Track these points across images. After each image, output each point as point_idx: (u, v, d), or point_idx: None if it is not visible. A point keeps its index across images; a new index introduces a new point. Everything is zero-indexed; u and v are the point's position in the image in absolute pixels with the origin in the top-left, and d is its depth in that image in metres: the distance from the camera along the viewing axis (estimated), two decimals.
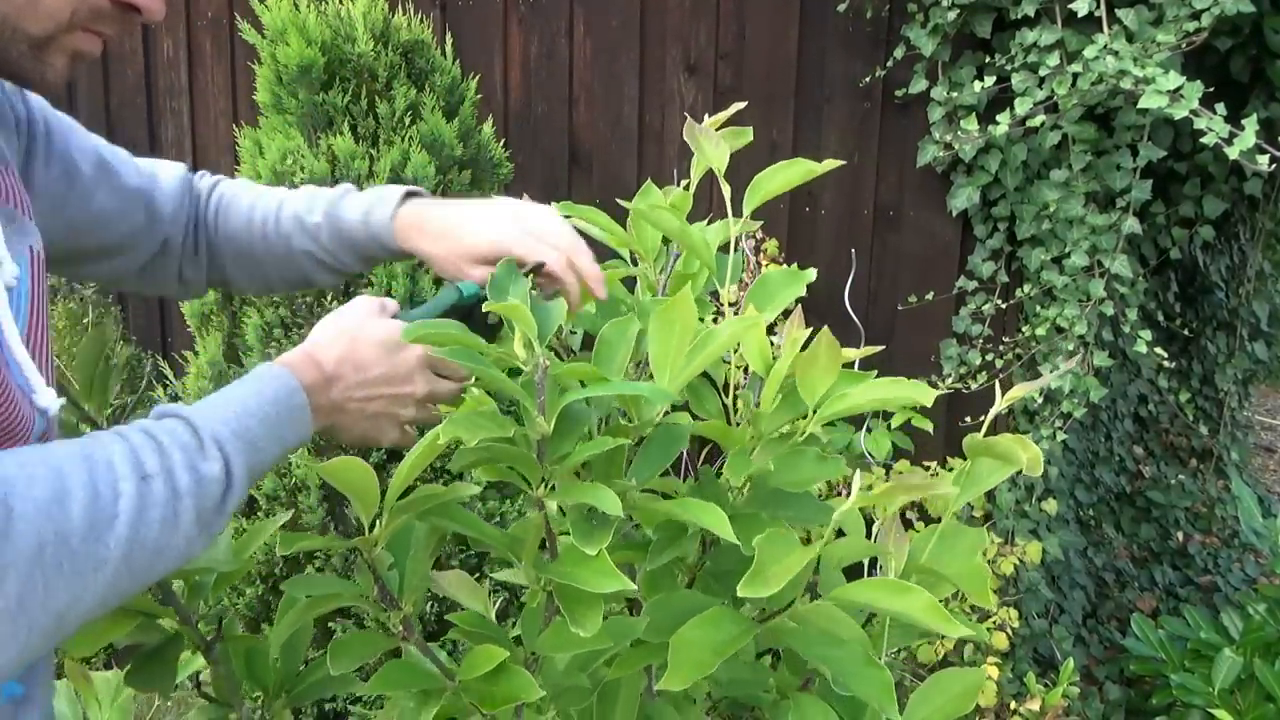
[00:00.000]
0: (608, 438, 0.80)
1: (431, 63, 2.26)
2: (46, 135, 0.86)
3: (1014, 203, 2.37)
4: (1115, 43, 2.03)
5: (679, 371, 0.81)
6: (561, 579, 0.78)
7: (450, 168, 2.20)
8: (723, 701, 1.02)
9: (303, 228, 0.98)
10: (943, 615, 0.71)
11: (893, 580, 0.76)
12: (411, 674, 0.85)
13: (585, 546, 0.76)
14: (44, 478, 0.59)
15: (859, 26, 2.49)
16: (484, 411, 0.77)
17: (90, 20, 0.68)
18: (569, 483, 0.80)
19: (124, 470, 0.62)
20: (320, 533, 2.10)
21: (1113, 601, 3.14)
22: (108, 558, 0.60)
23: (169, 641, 0.98)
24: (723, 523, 0.76)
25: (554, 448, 0.80)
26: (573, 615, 0.77)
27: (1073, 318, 2.28)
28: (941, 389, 2.46)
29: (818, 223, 2.63)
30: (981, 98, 2.28)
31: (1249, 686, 2.17)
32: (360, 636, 0.84)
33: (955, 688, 0.88)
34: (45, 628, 0.58)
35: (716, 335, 0.81)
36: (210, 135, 3.32)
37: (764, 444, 0.86)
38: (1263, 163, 1.89)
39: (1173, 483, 3.49)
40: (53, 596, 0.57)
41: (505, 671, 0.83)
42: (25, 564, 0.56)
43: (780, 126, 2.59)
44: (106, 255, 0.95)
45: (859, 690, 0.77)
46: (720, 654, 0.76)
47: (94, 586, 0.59)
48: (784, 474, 0.86)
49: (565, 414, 0.80)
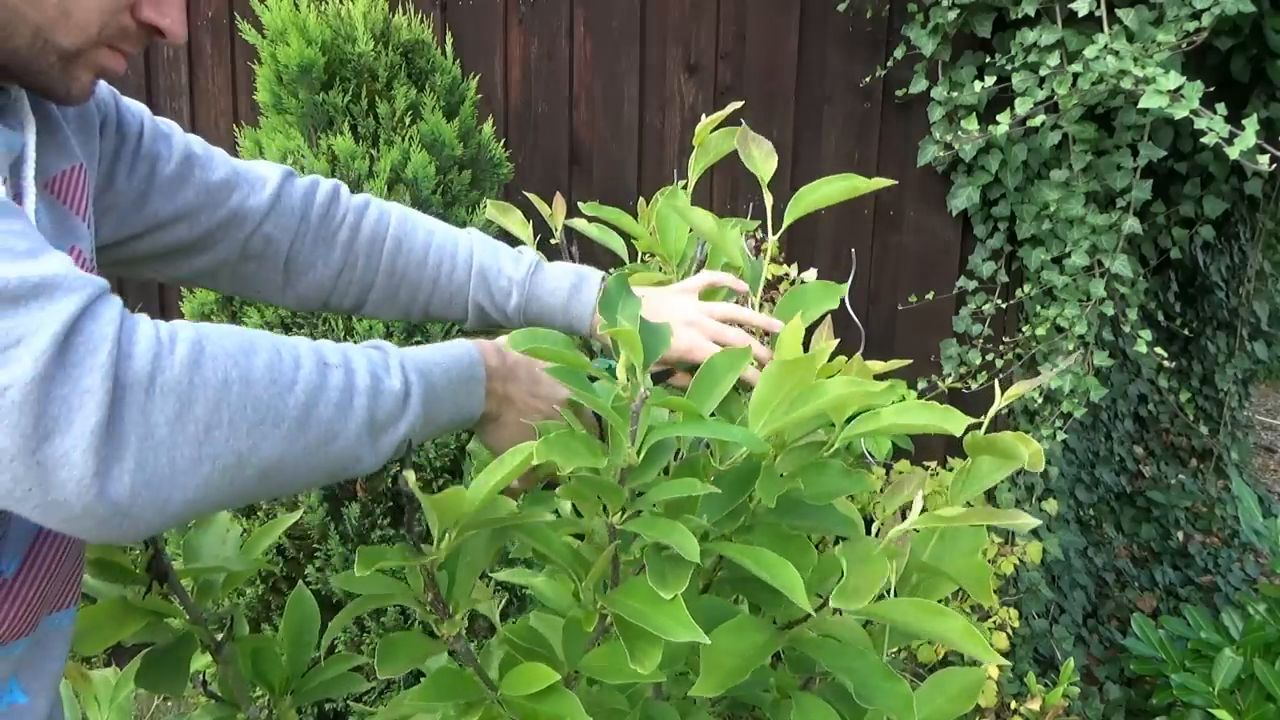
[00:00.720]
0: (694, 480, 0.77)
1: (432, 63, 2.26)
2: (139, 136, 0.89)
3: (1014, 202, 2.37)
4: (1116, 42, 2.03)
5: (776, 419, 0.79)
6: (629, 616, 0.76)
7: (450, 168, 2.20)
8: (723, 701, 1.02)
9: (486, 285, 1.03)
10: (980, 641, 0.72)
11: (929, 603, 0.76)
12: (458, 684, 0.84)
13: (661, 588, 0.74)
14: (234, 334, 0.63)
15: (859, 26, 2.49)
16: (579, 435, 0.76)
17: (117, 38, 0.70)
18: (648, 518, 0.79)
19: (306, 352, 0.67)
20: (321, 536, 2.10)
21: (1113, 601, 3.14)
22: (286, 415, 0.63)
23: (180, 641, 0.98)
24: (797, 587, 0.74)
25: (637, 476, 0.79)
26: (634, 651, 0.75)
27: (1073, 317, 2.28)
28: (942, 388, 2.46)
29: (818, 223, 2.63)
30: (982, 97, 2.27)
31: (1249, 686, 2.17)
32: (409, 638, 0.83)
33: (955, 687, 0.88)
34: (227, 465, 0.60)
35: (823, 391, 0.78)
36: (210, 135, 3.30)
37: (786, 453, 0.85)
38: (1263, 162, 1.89)
39: (1173, 482, 3.49)
40: (236, 434, 0.60)
41: (553, 693, 0.81)
42: (213, 394, 0.59)
43: (780, 126, 2.59)
44: (192, 251, 0.95)
45: (879, 703, 0.77)
46: (750, 662, 0.76)
47: (273, 441, 0.62)
48: (809, 485, 0.85)
49: (655, 446, 0.79)
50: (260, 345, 0.64)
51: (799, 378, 0.77)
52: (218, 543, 1.04)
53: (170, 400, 0.57)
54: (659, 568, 0.77)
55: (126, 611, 0.94)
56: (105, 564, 0.94)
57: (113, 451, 0.55)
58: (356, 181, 2.08)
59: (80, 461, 0.54)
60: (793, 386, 0.78)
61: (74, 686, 1.15)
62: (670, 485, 0.78)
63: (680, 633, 0.73)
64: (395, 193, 2.08)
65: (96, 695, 1.15)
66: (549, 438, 0.73)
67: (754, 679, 0.91)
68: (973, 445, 0.77)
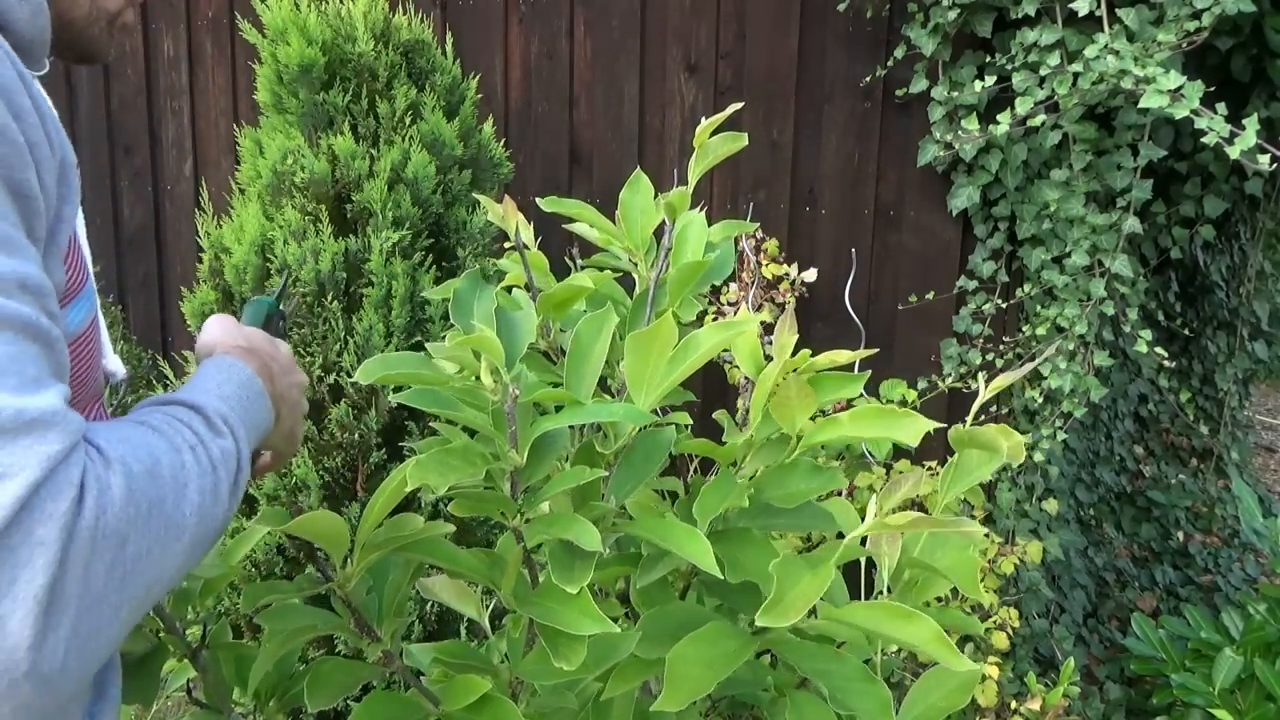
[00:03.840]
0: (583, 468, 0.76)
1: (432, 62, 2.26)
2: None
3: (1014, 202, 2.37)
4: (1116, 42, 2.03)
5: (655, 387, 0.78)
6: (541, 618, 0.75)
7: (450, 167, 2.20)
8: (722, 701, 1.02)
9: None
10: (948, 647, 0.70)
11: (898, 606, 0.75)
12: (395, 704, 0.83)
13: (566, 584, 0.73)
14: (139, 444, 0.59)
15: (859, 26, 2.49)
16: (453, 449, 0.73)
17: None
18: (545, 517, 0.77)
19: (177, 442, 0.62)
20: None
21: (1113, 601, 3.14)
22: (186, 525, 0.60)
23: (152, 651, 0.97)
24: (705, 552, 0.73)
25: (527, 476, 0.77)
26: (555, 649, 0.74)
27: (1073, 317, 2.28)
28: (942, 388, 2.46)
29: (818, 222, 2.63)
30: (982, 97, 2.27)
31: (1249, 686, 2.17)
32: (339, 666, 0.82)
33: (952, 682, 0.88)
34: (137, 601, 0.57)
35: (698, 344, 0.78)
36: (211, 135, 3.32)
37: (755, 452, 0.84)
38: (1263, 162, 1.89)
39: (1173, 482, 3.49)
40: (152, 563, 0.57)
41: (489, 701, 0.80)
42: (142, 524, 0.56)
43: (781, 126, 2.59)
44: None
45: (856, 706, 0.76)
46: (719, 671, 0.75)
47: (175, 554, 0.59)
48: (774, 488, 0.84)
49: (538, 442, 0.76)
50: (159, 451, 0.60)
51: (659, 342, 0.76)
52: None
53: (110, 544, 0.54)
54: (563, 562, 0.76)
55: None
56: None
57: (52, 619, 0.51)
58: (357, 181, 2.09)
59: (17, 630, 0.50)
60: (658, 354, 0.77)
61: None
62: (561, 478, 0.76)
63: (588, 626, 0.72)
64: (395, 192, 2.08)
65: None
66: (420, 459, 0.71)
67: (751, 678, 0.91)
68: (956, 439, 0.77)
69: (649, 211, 0.96)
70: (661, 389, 0.78)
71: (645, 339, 0.78)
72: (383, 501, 0.75)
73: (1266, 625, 2.27)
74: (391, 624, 0.85)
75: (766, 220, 2.62)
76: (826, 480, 0.84)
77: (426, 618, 2.07)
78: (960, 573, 0.81)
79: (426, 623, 2.07)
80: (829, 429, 0.79)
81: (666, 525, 0.77)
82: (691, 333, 0.79)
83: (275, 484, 2.09)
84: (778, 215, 2.63)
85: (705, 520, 0.78)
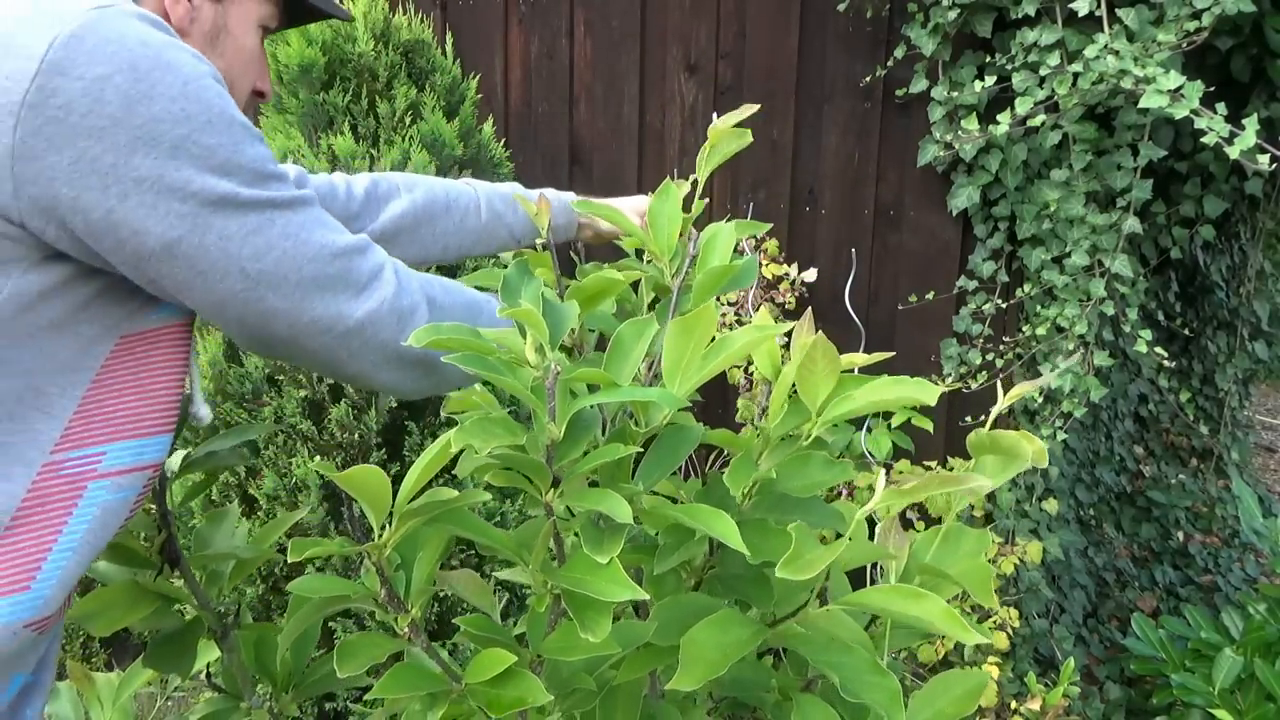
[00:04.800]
0: (618, 444, 0.79)
1: (432, 62, 2.26)
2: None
3: (1014, 202, 2.37)
4: (1116, 42, 2.03)
5: (690, 377, 0.81)
6: (572, 586, 0.77)
7: (450, 167, 2.20)
8: (725, 702, 1.02)
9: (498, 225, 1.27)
10: (959, 622, 0.71)
11: (907, 587, 0.76)
12: (419, 677, 0.85)
13: (596, 554, 0.76)
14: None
15: (859, 26, 2.49)
16: (495, 418, 0.77)
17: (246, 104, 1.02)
18: (578, 489, 0.80)
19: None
20: (321, 534, 2.10)
21: (1113, 601, 3.14)
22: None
23: (190, 625, 1.01)
24: (731, 531, 0.75)
25: (563, 452, 0.80)
26: (583, 621, 0.76)
27: (1073, 317, 2.28)
28: (942, 388, 2.46)
29: (818, 222, 2.63)
30: (982, 97, 2.27)
31: (1249, 686, 2.17)
32: (366, 638, 0.84)
33: (958, 689, 0.88)
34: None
35: (731, 343, 0.81)
36: None
37: (771, 449, 0.85)
38: (1263, 162, 1.89)
39: (1173, 482, 3.49)
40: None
41: (513, 675, 0.82)
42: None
43: (781, 126, 2.59)
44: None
45: (867, 698, 0.76)
46: (730, 656, 0.76)
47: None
48: (791, 479, 0.86)
49: (575, 419, 0.80)
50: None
51: (700, 332, 0.81)
52: (227, 535, 1.08)
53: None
54: (594, 535, 0.78)
55: (137, 595, 0.97)
56: (117, 548, 0.97)
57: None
58: None
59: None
60: (697, 342, 0.81)
61: (77, 687, 1.15)
62: (597, 453, 0.79)
63: (619, 593, 0.75)
64: None
65: (99, 696, 1.15)
66: (464, 425, 0.74)
67: (755, 679, 0.91)
68: (976, 444, 0.77)
69: (675, 219, 1.02)
70: (696, 378, 0.81)
71: (687, 325, 0.81)
72: (424, 467, 0.77)
73: (1266, 625, 2.27)
74: (419, 597, 0.87)
75: (766, 220, 2.62)
76: (840, 472, 0.87)
77: (428, 619, 2.07)
78: (973, 579, 0.81)
79: (428, 624, 2.07)
80: (847, 401, 0.82)
81: (693, 507, 0.79)
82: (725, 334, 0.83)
83: (275, 484, 2.09)
84: (777, 215, 2.63)
85: (738, 488, 0.81)
